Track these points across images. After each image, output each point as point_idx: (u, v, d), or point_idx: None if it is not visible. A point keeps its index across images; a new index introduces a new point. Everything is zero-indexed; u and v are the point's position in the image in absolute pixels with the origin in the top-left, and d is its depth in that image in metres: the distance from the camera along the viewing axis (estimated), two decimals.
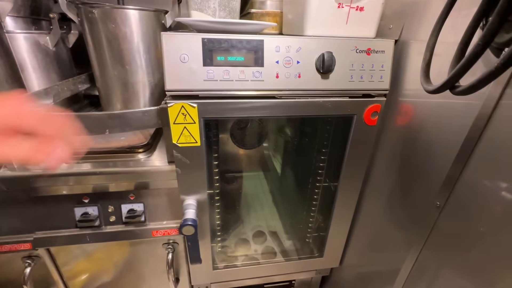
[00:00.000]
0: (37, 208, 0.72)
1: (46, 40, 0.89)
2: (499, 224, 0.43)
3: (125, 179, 0.70)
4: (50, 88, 0.78)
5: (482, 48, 0.30)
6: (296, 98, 0.62)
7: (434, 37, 0.46)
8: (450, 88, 0.37)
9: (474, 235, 0.47)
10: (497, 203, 0.43)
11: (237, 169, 1.35)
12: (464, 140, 0.47)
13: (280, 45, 0.58)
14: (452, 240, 0.51)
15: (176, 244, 0.85)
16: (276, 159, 1.34)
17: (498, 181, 0.43)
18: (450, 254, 0.52)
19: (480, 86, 0.31)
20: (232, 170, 1.34)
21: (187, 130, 0.61)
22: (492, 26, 0.29)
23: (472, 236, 0.47)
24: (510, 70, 0.40)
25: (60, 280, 0.87)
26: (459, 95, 0.35)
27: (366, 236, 0.84)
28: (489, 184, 0.44)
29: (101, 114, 0.57)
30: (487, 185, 0.44)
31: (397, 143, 0.67)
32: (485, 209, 0.45)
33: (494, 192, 0.43)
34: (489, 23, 0.29)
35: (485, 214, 0.45)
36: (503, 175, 0.42)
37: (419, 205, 0.59)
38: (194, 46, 0.55)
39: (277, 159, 1.34)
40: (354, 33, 0.62)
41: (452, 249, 0.52)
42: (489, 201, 0.44)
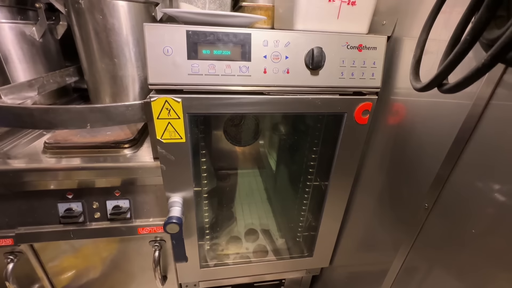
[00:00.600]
0: (19, 203, 0.70)
1: (32, 30, 0.86)
2: (488, 226, 0.41)
3: (109, 174, 0.68)
4: (34, 80, 0.76)
5: (470, 43, 0.28)
6: (284, 94, 0.61)
7: (425, 33, 0.44)
8: (438, 86, 0.35)
9: (463, 237, 0.46)
10: (487, 205, 0.41)
11: (230, 166, 1.33)
12: (454, 141, 0.46)
13: (268, 39, 0.56)
14: (440, 241, 0.50)
15: (163, 242, 0.84)
16: (272, 156, 1.33)
17: (488, 182, 0.41)
18: (438, 255, 0.51)
19: (467, 83, 0.29)
20: (225, 167, 1.32)
21: (172, 125, 0.59)
22: (480, 19, 0.27)
23: (460, 238, 0.46)
24: (500, 69, 0.38)
25: (45, 276, 0.85)
26: (447, 93, 0.33)
27: (356, 236, 0.83)
28: (479, 185, 0.42)
29: (82, 108, 0.55)
30: (477, 187, 0.43)
31: (388, 142, 0.65)
32: (474, 211, 0.44)
33: (484, 194, 0.42)
34: (478, 16, 0.27)
35: (474, 216, 0.44)
36: (493, 177, 0.40)
37: (407, 206, 0.58)
38: (178, 38, 0.53)
39: (272, 156, 1.33)
40: (346, 29, 0.60)
41: (440, 251, 0.50)
42: (479, 203, 0.43)
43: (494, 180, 0.40)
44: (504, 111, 0.38)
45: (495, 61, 0.25)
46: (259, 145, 1.31)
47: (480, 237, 0.43)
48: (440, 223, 0.50)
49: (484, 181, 0.42)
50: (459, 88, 0.31)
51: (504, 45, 0.24)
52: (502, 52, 0.25)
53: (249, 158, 1.35)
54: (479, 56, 0.41)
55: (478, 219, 0.43)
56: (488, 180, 0.41)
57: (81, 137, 0.73)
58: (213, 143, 1.20)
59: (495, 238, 0.40)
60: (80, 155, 0.70)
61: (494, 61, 0.25)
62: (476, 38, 0.28)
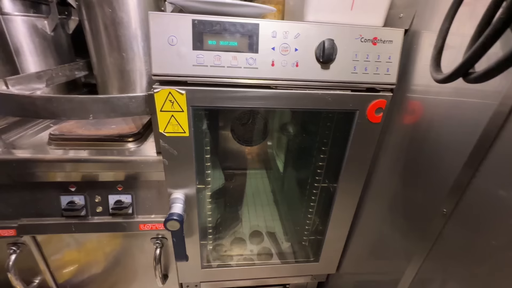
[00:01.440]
0: (23, 194, 0.70)
1: (44, 24, 0.87)
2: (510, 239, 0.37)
3: (111, 168, 0.67)
4: (43, 72, 0.76)
5: (505, 23, 0.25)
6: (293, 89, 0.58)
7: (448, 22, 0.41)
8: (463, 75, 0.31)
9: (483, 248, 0.41)
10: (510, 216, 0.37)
11: (236, 166, 1.31)
12: (476, 143, 0.41)
13: (277, 30, 0.53)
14: (459, 252, 0.46)
15: (165, 240, 0.82)
16: (279, 157, 1.30)
17: None
18: (456, 267, 0.46)
19: (498, 70, 0.26)
20: (231, 167, 1.30)
21: (175, 118, 0.57)
22: None
23: (481, 249, 0.42)
24: None
25: (47, 269, 0.85)
26: (474, 82, 0.30)
27: (366, 243, 0.78)
28: (503, 192, 0.38)
29: (84, 98, 0.54)
30: (501, 194, 0.38)
31: (403, 143, 0.61)
32: (497, 220, 0.39)
33: (508, 202, 0.37)
34: None
35: (497, 226, 0.39)
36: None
37: (424, 212, 0.53)
38: (183, 28, 0.51)
39: (280, 157, 1.30)
40: (360, 21, 0.57)
41: (458, 262, 0.46)
42: (502, 212, 0.38)
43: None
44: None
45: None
46: (267, 146, 1.28)
47: (503, 250, 0.38)
48: (459, 231, 0.45)
49: (509, 188, 0.37)
50: (489, 76, 0.27)
51: None
52: None
53: (257, 158, 1.32)
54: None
55: (500, 230, 0.38)
56: None
57: (86, 130, 0.72)
58: (220, 142, 1.18)
59: None
60: (84, 147, 0.69)
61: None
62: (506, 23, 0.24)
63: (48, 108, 0.54)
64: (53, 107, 0.54)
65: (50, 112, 0.54)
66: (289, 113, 1.10)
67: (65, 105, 0.54)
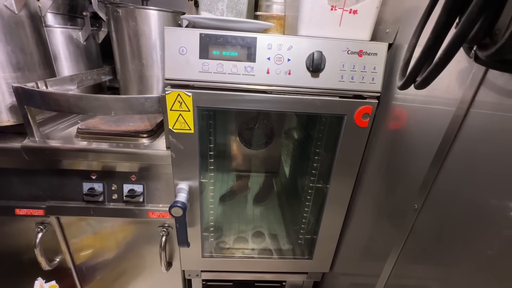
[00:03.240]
0: (51, 179, 0.81)
1: (78, 35, 1.01)
2: (472, 228, 0.42)
3: (127, 159, 0.77)
4: (75, 75, 0.89)
5: (434, 40, 0.31)
6: (286, 94, 0.65)
7: (415, 38, 0.47)
8: (413, 82, 0.38)
9: (449, 241, 0.46)
10: (470, 207, 0.42)
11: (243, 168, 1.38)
12: (439, 144, 0.47)
13: (272, 43, 0.61)
14: (428, 245, 0.50)
15: (171, 228, 0.90)
16: (286, 162, 1.36)
17: (470, 185, 0.42)
18: (426, 260, 0.51)
19: (430, 77, 0.32)
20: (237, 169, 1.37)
21: (182, 117, 0.66)
22: (441, 19, 0.30)
23: (447, 242, 0.46)
24: (479, 79, 0.40)
25: (67, 250, 0.95)
26: (418, 88, 0.36)
27: (357, 243, 0.83)
28: (460, 188, 0.43)
29: (108, 97, 0.65)
30: (458, 189, 0.43)
31: (386, 146, 0.66)
32: (459, 213, 0.44)
33: (466, 196, 0.42)
34: (438, 17, 0.30)
35: (459, 219, 0.44)
36: (475, 179, 0.41)
37: (399, 209, 0.58)
38: (192, 40, 0.60)
39: (286, 161, 1.35)
40: (348, 36, 0.64)
41: (428, 256, 0.50)
42: (463, 205, 0.43)
43: (476, 183, 0.41)
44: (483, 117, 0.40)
45: (449, 55, 0.28)
46: (275, 150, 1.34)
47: (464, 242, 0.43)
48: (428, 224, 0.50)
49: (464, 184, 0.42)
50: (426, 82, 0.33)
51: (455, 39, 0.27)
52: (454, 46, 0.28)
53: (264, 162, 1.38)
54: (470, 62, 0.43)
55: (462, 223, 0.43)
56: (471, 182, 0.42)
57: (108, 126, 0.83)
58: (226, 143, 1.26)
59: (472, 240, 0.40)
60: (105, 140, 0.79)
61: (448, 54, 0.28)
62: (439, 38, 0.31)
63: (79, 105, 0.64)
64: (83, 104, 0.64)
65: (81, 108, 0.65)
66: (294, 118, 1.17)
67: (93, 103, 0.64)
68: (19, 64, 0.73)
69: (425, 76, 0.32)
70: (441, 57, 0.29)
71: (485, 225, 0.39)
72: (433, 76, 0.32)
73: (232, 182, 1.38)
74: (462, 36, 0.27)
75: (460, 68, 0.45)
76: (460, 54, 0.42)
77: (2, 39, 0.68)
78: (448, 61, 0.29)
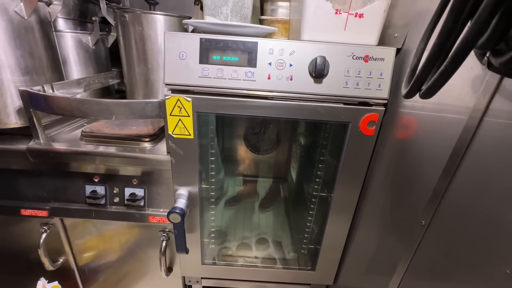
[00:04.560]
0: (56, 181, 0.82)
1: (88, 39, 1.03)
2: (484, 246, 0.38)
3: (128, 163, 0.77)
4: (82, 79, 0.90)
5: (439, 47, 0.29)
6: (287, 100, 0.63)
7: (423, 43, 0.44)
8: (418, 91, 0.35)
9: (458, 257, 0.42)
10: (480, 224, 0.38)
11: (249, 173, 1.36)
12: (450, 155, 0.43)
13: (273, 48, 0.60)
14: (436, 264, 0.46)
15: (171, 233, 0.89)
16: (294, 167, 1.33)
17: (483, 199, 0.38)
18: (432, 279, 0.47)
19: (436, 86, 0.29)
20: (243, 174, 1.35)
21: (182, 122, 0.65)
22: (445, 25, 0.27)
23: (455, 259, 0.43)
24: (493, 87, 0.36)
25: (70, 252, 0.96)
26: (423, 98, 0.33)
27: (362, 255, 0.79)
28: (471, 202, 0.40)
29: (110, 101, 0.65)
30: (471, 204, 0.40)
31: (393, 156, 0.63)
32: (471, 229, 0.40)
33: (478, 212, 0.39)
34: (443, 22, 0.28)
35: (468, 235, 0.40)
36: (489, 193, 0.38)
37: (406, 223, 0.55)
38: (192, 45, 0.60)
39: (294, 167, 1.33)
40: (353, 40, 0.61)
41: (435, 273, 0.47)
42: (473, 221, 0.39)
43: (489, 197, 0.37)
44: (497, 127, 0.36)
45: (456, 62, 0.26)
46: (280, 155, 1.32)
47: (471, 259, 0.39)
48: (435, 242, 0.46)
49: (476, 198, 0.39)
50: (431, 91, 0.30)
51: (463, 45, 0.25)
52: (462, 53, 0.25)
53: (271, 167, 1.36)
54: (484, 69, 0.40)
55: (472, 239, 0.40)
56: (483, 196, 0.38)
57: (111, 129, 0.83)
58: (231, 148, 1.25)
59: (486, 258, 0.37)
60: (108, 144, 0.80)
61: (455, 62, 0.26)
62: (444, 44, 0.28)
63: (80, 109, 0.65)
64: (84, 108, 0.65)
65: (82, 112, 0.65)
66: (300, 124, 1.14)
67: (94, 107, 0.65)
68: (28, 68, 0.74)
69: (430, 85, 0.30)
70: (447, 65, 0.26)
71: (502, 243, 0.35)
72: (439, 85, 0.29)
73: (237, 187, 1.36)
74: (471, 41, 0.24)
75: (473, 75, 0.41)
76: (472, 60, 0.39)
77: (12, 44, 0.70)
78: (455, 69, 0.26)
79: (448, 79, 0.28)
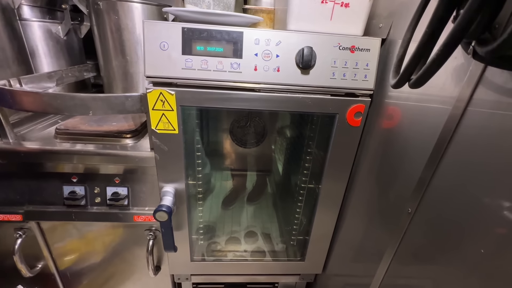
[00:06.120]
0: (29, 182, 0.77)
1: (58, 29, 0.96)
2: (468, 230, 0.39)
3: (109, 161, 0.73)
4: (54, 72, 0.84)
5: (430, 35, 0.28)
6: (275, 92, 0.62)
7: (409, 33, 0.44)
8: (408, 80, 0.35)
9: (443, 245, 0.44)
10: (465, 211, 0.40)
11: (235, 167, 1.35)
12: (435, 145, 0.44)
13: (259, 38, 0.58)
14: (421, 249, 0.48)
15: (158, 232, 0.87)
16: (279, 160, 1.33)
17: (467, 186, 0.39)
18: (421, 262, 0.49)
19: (427, 75, 0.29)
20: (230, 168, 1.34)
21: (165, 117, 0.62)
22: (438, 12, 0.27)
23: (441, 246, 0.44)
24: (477, 76, 0.37)
25: (49, 256, 0.91)
26: (413, 87, 0.33)
27: (350, 244, 0.81)
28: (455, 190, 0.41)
29: (85, 96, 0.61)
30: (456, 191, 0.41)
31: (379, 146, 0.64)
32: (453, 217, 0.42)
33: (463, 199, 0.40)
34: (436, 8, 0.27)
35: (453, 223, 0.42)
36: (471, 181, 0.39)
37: (392, 212, 0.56)
38: (174, 34, 0.56)
39: (280, 160, 1.33)
40: (339, 30, 0.61)
41: (422, 259, 0.48)
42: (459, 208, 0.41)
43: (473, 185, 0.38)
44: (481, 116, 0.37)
45: (447, 51, 0.25)
46: (268, 149, 1.31)
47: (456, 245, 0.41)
48: (422, 229, 0.48)
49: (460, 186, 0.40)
50: (422, 80, 0.30)
51: (454, 33, 0.24)
52: (453, 42, 0.25)
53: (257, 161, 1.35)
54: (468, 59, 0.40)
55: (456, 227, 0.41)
56: (468, 184, 0.39)
57: (89, 126, 0.78)
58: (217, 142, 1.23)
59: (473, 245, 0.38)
60: (86, 141, 0.75)
61: (446, 51, 0.25)
62: (436, 32, 0.28)
63: (53, 104, 0.60)
64: (57, 103, 0.60)
65: (55, 108, 0.60)
66: (286, 116, 1.14)
67: (68, 102, 0.60)
68: None
69: (420, 74, 0.29)
70: (439, 53, 0.26)
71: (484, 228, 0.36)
72: (429, 75, 0.29)
73: (224, 181, 1.35)
74: (462, 30, 0.24)
75: (457, 64, 0.42)
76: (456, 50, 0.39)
77: None
78: (446, 58, 0.26)
79: (439, 68, 0.28)
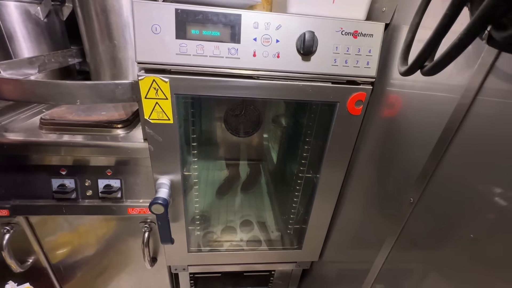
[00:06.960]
0: (15, 176, 0.73)
1: (37, 10, 0.88)
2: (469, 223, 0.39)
3: (99, 153, 0.69)
4: (35, 57, 0.78)
5: (450, 18, 0.26)
6: (274, 79, 0.59)
7: (418, 17, 0.42)
8: (420, 68, 0.33)
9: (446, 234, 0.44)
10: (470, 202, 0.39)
11: (230, 156, 1.33)
12: (441, 134, 0.43)
13: (258, 21, 0.54)
14: (423, 238, 0.48)
15: (153, 224, 0.85)
16: (274, 149, 1.32)
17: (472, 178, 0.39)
18: (421, 253, 0.49)
19: (445, 62, 0.27)
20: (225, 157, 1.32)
21: (159, 106, 0.59)
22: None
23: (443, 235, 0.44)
24: (489, 64, 0.36)
25: (40, 250, 0.88)
26: (427, 75, 0.31)
27: (347, 232, 0.81)
28: (464, 181, 0.40)
29: (72, 83, 0.56)
30: (461, 182, 0.41)
31: (380, 135, 0.63)
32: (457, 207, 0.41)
33: (468, 190, 0.40)
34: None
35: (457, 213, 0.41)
36: (477, 172, 0.38)
37: (393, 200, 0.56)
38: (167, 16, 0.52)
39: (275, 149, 1.32)
40: (342, 14, 0.58)
41: (423, 248, 0.48)
42: (462, 199, 0.40)
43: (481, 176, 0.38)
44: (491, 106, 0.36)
45: (471, 34, 0.24)
46: (262, 138, 1.30)
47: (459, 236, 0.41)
48: (424, 218, 0.48)
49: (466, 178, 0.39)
50: (438, 68, 0.29)
51: (479, 18, 0.22)
52: (480, 24, 0.23)
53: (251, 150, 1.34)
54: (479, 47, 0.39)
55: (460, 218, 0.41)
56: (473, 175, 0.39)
57: (76, 115, 0.74)
58: (211, 131, 1.20)
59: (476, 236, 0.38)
60: (73, 132, 0.71)
61: (470, 34, 0.24)
62: (456, 14, 0.26)
63: (36, 92, 0.55)
64: (41, 91, 0.56)
65: (38, 96, 0.56)
66: (282, 105, 1.11)
67: (52, 90, 0.56)
68: None
69: (439, 60, 0.28)
70: (462, 37, 0.24)
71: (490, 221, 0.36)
72: (448, 61, 0.27)
73: (219, 171, 1.33)
74: (491, 11, 0.22)
75: (467, 52, 0.40)
76: None
77: None
78: (470, 42, 0.24)
79: (459, 53, 0.26)
